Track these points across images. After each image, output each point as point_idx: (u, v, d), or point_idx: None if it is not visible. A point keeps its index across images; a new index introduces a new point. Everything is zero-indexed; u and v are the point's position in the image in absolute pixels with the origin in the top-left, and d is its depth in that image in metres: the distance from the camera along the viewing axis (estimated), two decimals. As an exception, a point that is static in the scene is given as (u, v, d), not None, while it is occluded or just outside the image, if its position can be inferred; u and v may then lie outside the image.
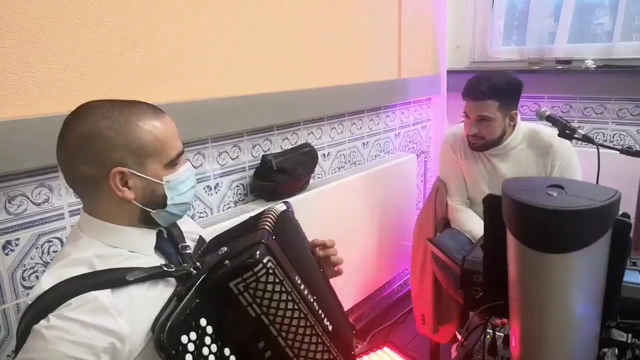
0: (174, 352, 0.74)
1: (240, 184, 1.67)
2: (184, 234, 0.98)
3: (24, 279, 1.15)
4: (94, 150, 0.78)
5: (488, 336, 1.09)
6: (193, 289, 0.80)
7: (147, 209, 0.83)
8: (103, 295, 0.74)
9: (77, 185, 0.83)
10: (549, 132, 1.77)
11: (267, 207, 0.97)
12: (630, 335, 0.91)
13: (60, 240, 1.21)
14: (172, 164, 0.85)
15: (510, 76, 1.76)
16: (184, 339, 0.75)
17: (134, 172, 0.80)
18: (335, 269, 1.12)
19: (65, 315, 0.72)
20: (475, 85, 1.73)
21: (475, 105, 1.73)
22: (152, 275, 0.81)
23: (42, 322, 0.71)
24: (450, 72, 2.56)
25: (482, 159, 1.86)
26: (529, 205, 0.68)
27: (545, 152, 1.78)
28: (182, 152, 0.87)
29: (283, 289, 0.83)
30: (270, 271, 0.81)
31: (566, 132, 1.68)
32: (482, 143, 1.78)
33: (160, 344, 0.73)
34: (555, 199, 0.70)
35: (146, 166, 0.81)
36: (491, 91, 1.70)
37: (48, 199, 1.17)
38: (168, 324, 0.74)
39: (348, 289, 2.03)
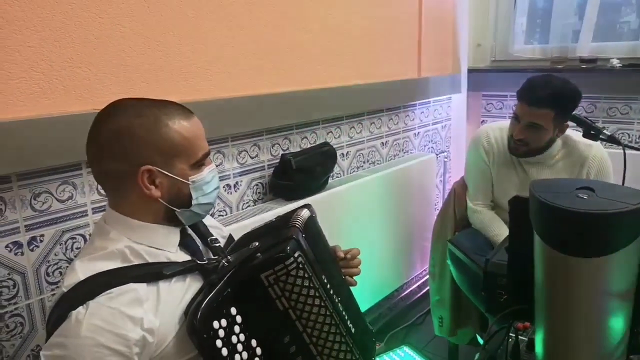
0: (205, 336, 0.76)
1: (260, 182, 1.67)
2: (208, 228, 0.99)
3: (48, 274, 1.17)
4: (124, 148, 0.79)
5: (510, 340, 1.07)
6: (225, 279, 0.82)
7: (172, 207, 0.84)
8: (141, 288, 0.76)
9: (104, 180, 0.84)
10: (586, 141, 1.69)
11: (294, 209, 0.98)
12: (660, 342, 0.88)
13: (84, 237, 1.22)
14: (199, 164, 0.85)
15: (572, 85, 1.61)
16: (215, 324, 0.78)
17: (161, 170, 0.81)
18: (350, 279, 1.11)
19: (104, 303, 0.73)
20: (536, 90, 1.57)
21: (530, 111, 1.59)
22: (187, 269, 0.83)
23: (80, 308, 0.72)
24: (471, 71, 2.52)
25: (516, 166, 1.78)
26: (560, 208, 0.67)
27: (582, 163, 1.70)
28: (208, 153, 0.88)
29: (311, 285, 0.84)
30: (301, 266, 0.83)
31: (591, 132, 1.63)
32: (524, 150, 1.67)
33: (192, 328, 0.75)
34: (586, 202, 0.69)
35: (174, 165, 0.82)
36: (552, 100, 1.56)
37: (72, 196, 1.19)
38: (201, 308, 0.76)
39: (366, 290, 2.02)
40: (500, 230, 1.79)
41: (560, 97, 1.58)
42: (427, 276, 2.18)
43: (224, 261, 0.86)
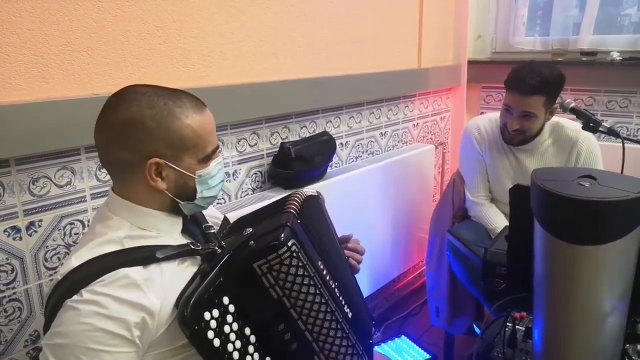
0: (196, 327, 0.75)
1: (258, 171, 1.66)
2: (205, 216, 0.99)
3: (46, 259, 1.16)
4: (134, 138, 0.78)
5: (507, 329, 1.08)
6: (217, 268, 0.81)
7: (177, 199, 0.84)
8: (134, 272, 0.75)
9: (111, 167, 0.84)
10: (574, 126, 1.72)
11: (294, 190, 0.97)
12: (657, 331, 0.89)
13: (82, 222, 1.22)
14: (207, 158, 0.85)
15: (556, 69, 1.65)
16: (207, 315, 0.76)
17: (169, 164, 0.81)
18: (353, 262, 1.12)
19: (97, 290, 0.73)
20: (525, 78, 1.61)
21: (522, 100, 1.63)
22: (180, 252, 0.82)
23: (75, 296, 0.72)
24: (471, 63, 2.52)
25: (508, 154, 1.81)
26: (562, 196, 0.67)
27: (570, 148, 1.74)
28: (217, 147, 0.87)
29: (305, 273, 0.83)
30: (294, 254, 0.81)
31: (590, 124, 1.64)
32: (520, 138, 1.71)
33: (183, 319, 0.74)
34: (588, 190, 0.69)
35: (182, 159, 0.82)
36: (541, 86, 1.60)
37: (70, 181, 1.18)
38: (192, 300, 0.75)
39: (363, 279, 2.02)
40: (498, 223, 1.80)
41: (550, 81, 1.62)
42: (424, 267, 2.19)
43: (216, 248, 0.85)
